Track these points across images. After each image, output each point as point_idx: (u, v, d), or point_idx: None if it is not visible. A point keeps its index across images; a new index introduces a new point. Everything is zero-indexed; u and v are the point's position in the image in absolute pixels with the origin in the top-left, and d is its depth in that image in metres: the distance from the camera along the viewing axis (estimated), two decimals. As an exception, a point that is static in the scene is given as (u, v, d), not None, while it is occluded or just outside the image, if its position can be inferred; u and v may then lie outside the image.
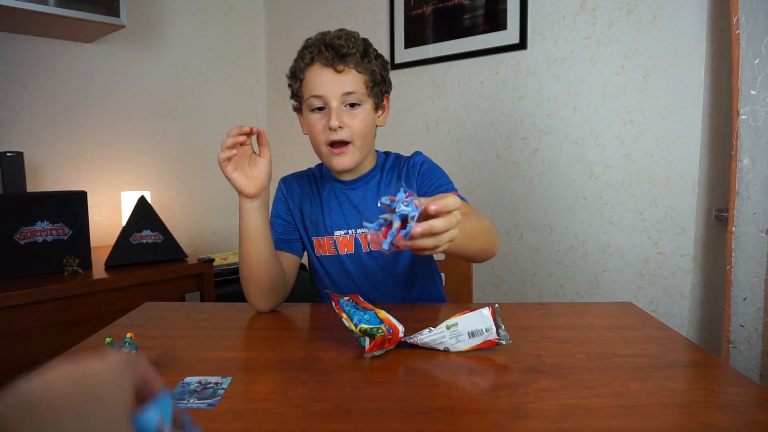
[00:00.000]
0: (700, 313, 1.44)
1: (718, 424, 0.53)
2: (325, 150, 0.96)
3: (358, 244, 1.01)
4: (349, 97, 0.93)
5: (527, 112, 1.70)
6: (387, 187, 1.03)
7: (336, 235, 1.02)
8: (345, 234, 1.02)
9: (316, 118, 0.95)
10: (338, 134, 0.92)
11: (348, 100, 0.93)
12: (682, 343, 0.77)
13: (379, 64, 0.98)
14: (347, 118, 0.93)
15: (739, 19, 1.19)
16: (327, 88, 0.93)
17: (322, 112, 0.94)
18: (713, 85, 1.38)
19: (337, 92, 0.92)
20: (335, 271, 1.03)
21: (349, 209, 1.02)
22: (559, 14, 1.62)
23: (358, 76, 0.94)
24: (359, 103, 0.94)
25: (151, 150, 2.17)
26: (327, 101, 0.93)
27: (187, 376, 0.65)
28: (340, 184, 1.04)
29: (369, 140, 0.98)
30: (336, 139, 0.93)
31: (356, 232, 1.01)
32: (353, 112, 0.94)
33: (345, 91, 0.93)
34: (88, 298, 1.44)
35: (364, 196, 1.03)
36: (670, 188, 1.45)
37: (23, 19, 1.58)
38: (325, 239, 1.03)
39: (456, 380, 0.64)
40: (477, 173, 1.82)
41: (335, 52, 0.92)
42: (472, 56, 1.81)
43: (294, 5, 2.45)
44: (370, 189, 1.03)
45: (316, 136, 0.96)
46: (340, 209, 1.03)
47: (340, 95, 0.92)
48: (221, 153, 0.83)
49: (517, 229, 1.74)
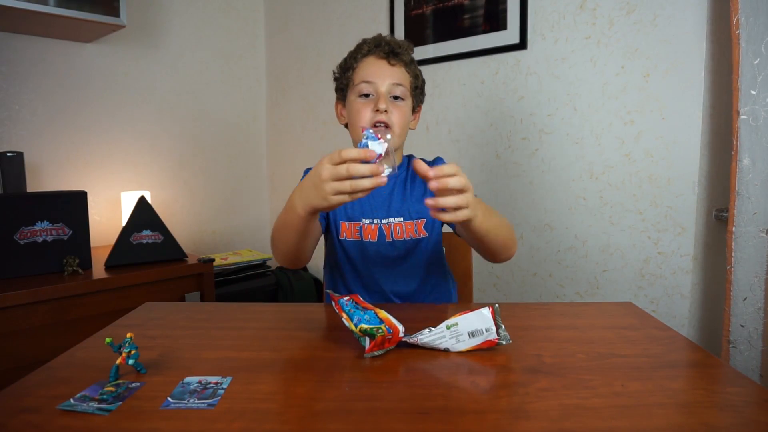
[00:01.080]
0: (700, 313, 1.44)
1: (718, 424, 0.53)
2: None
3: (382, 234, 1.06)
4: (396, 88, 1.03)
5: (527, 112, 1.70)
6: (412, 184, 1.10)
7: (363, 222, 1.06)
8: (371, 223, 1.06)
9: (362, 102, 1.03)
10: (383, 117, 1.00)
11: (394, 92, 1.03)
12: (682, 343, 0.77)
13: (420, 74, 1.11)
14: (392, 106, 1.02)
15: (739, 19, 1.19)
16: (379, 75, 1.02)
17: (368, 99, 1.03)
18: (713, 85, 1.38)
19: (387, 80, 1.02)
20: (355, 255, 1.06)
21: (378, 200, 1.07)
22: (559, 14, 1.62)
23: (406, 74, 1.06)
24: (403, 97, 1.04)
25: (151, 150, 2.17)
26: (376, 88, 1.02)
27: (187, 376, 0.65)
28: None
29: (404, 133, 1.06)
30: (381, 119, 1.00)
31: (381, 222, 1.06)
32: (397, 103, 1.03)
33: (394, 81, 1.02)
34: (88, 298, 1.44)
35: (391, 189, 1.08)
36: (670, 188, 1.45)
37: (23, 19, 1.58)
38: (352, 224, 1.06)
39: (456, 380, 0.64)
40: (477, 173, 1.82)
41: (390, 49, 1.04)
42: (472, 56, 1.81)
43: (294, 5, 2.45)
44: (398, 184, 1.10)
45: (361, 118, 1.02)
46: (368, 198, 1.07)
47: (389, 84, 1.02)
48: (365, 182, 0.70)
49: (517, 229, 1.74)
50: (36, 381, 0.64)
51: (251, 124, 2.56)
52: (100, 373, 0.66)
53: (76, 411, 0.56)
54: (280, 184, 2.62)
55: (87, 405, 0.57)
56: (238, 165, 2.50)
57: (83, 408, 0.56)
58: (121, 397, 0.59)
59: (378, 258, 1.06)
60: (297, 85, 2.47)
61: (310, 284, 2.29)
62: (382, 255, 1.06)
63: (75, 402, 0.58)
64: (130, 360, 0.66)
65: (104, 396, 0.59)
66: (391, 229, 1.05)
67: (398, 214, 1.06)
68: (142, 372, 0.66)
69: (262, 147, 2.62)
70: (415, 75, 1.08)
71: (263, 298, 2.16)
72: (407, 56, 1.06)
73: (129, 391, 0.61)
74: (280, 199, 2.62)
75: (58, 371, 0.67)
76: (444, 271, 1.14)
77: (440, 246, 1.13)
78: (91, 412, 0.56)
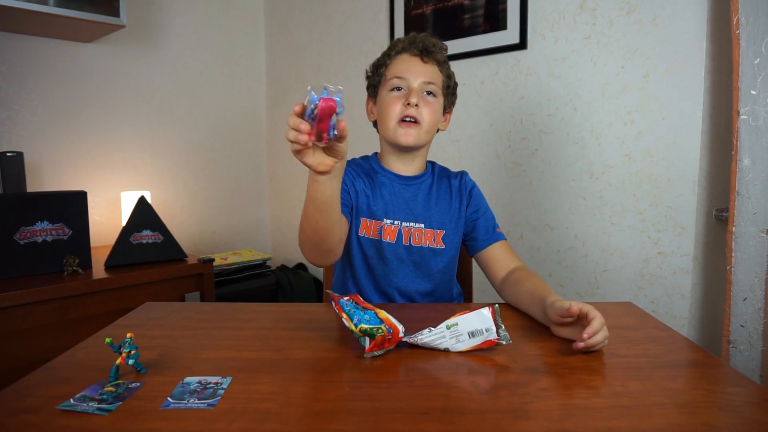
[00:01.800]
0: (700, 313, 1.44)
1: (718, 424, 0.53)
2: (393, 125, 1.03)
3: (401, 236, 1.06)
4: (428, 86, 1.03)
5: (527, 112, 1.70)
6: (437, 191, 1.10)
7: (384, 222, 1.06)
8: (391, 223, 1.06)
9: (393, 96, 1.03)
10: (413, 111, 1.00)
11: (426, 88, 1.03)
12: (682, 343, 0.77)
13: (453, 77, 1.10)
14: (422, 102, 1.02)
15: (739, 19, 1.19)
16: (411, 72, 1.03)
17: (400, 92, 1.03)
18: (713, 85, 1.38)
19: (420, 77, 1.02)
20: (372, 253, 1.06)
21: (401, 202, 1.07)
22: (559, 14, 1.62)
23: (439, 73, 1.06)
24: (435, 94, 1.04)
25: (151, 150, 2.17)
26: (409, 84, 1.02)
27: (187, 376, 0.65)
28: (396, 177, 1.09)
29: (433, 131, 1.06)
30: (410, 113, 1.00)
31: (401, 224, 1.06)
32: (428, 99, 1.03)
33: (427, 78, 1.03)
34: (88, 298, 1.45)
35: (415, 194, 1.09)
36: (670, 188, 1.45)
37: (23, 19, 1.58)
38: (372, 222, 1.06)
39: (456, 380, 0.64)
40: (477, 173, 1.82)
41: (424, 47, 1.04)
42: (472, 56, 1.81)
43: (294, 5, 2.45)
44: (422, 190, 1.10)
45: (390, 111, 1.02)
46: (392, 199, 1.07)
47: (421, 81, 1.02)
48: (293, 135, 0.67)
49: (517, 229, 1.74)
50: (36, 381, 0.64)
51: (251, 124, 2.56)
52: (100, 373, 0.66)
53: (76, 411, 0.56)
54: (280, 184, 2.62)
55: (87, 405, 0.57)
56: (238, 165, 2.50)
57: (83, 408, 0.56)
58: (121, 397, 0.59)
59: (394, 259, 1.06)
60: (297, 85, 2.47)
61: (310, 284, 2.29)
62: (398, 256, 1.06)
63: (75, 402, 0.58)
64: (130, 360, 0.66)
65: (104, 396, 0.59)
66: (411, 234, 1.06)
67: (420, 220, 1.07)
68: (142, 372, 0.66)
69: (262, 147, 2.62)
70: (448, 75, 1.08)
71: (263, 298, 2.16)
72: (441, 55, 1.06)
73: (129, 391, 0.61)
74: (280, 199, 2.62)
75: (58, 371, 0.67)
76: (452, 277, 1.14)
77: (455, 261, 1.12)
78: (91, 412, 0.56)
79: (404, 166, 1.09)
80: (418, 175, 1.11)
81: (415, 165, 1.10)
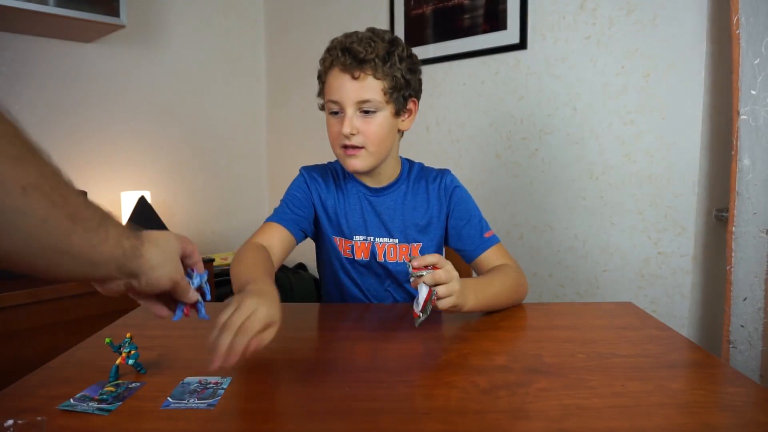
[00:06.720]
0: (700, 313, 1.44)
1: (718, 424, 0.53)
2: (339, 151, 0.97)
3: (374, 253, 1.02)
4: (364, 104, 0.92)
5: (527, 112, 1.70)
6: (413, 198, 1.04)
7: (355, 240, 1.02)
8: (364, 240, 1.02)
9: (333, 122, 0.96)
10: (351, 140, 0.93)
11: (363, 107, 0.92)
12: (682, 343, 0.77)
13: (405, 67, 0.95)
14: (361, 123, 0.93)
15: (739, 19, 1.19)
16: (342, 94, 0.92)
17: (338, 116, 0.95)
18: (713, 85, 1.38)
19: (351, 99, 0.92)
20: (350, 268, 1.04)
21: (372, 216, 1.03)
22: (559, 14, 1.62)
23: (376, 83, 0.92)
24: (375, 110, 0.93)
25: (151, 150, 2.17)
26: (342, 107, 0.93)
27: (187, 376, 0.65)
28: (365, 189, 1.04)
29: (385, 145, 0.97)
30: (348, 143, 0.93)
31: (374, 240, 1.02)
32: (368, 119, 0.93)
33: (360, 99, 0.92)
34: (88, 298, 1.44)
35: (387, 206, 1.03)
36: (670, 188, 1.45)
37: (23, 19, 1.58)
38: (343, 241, 1.03)
39: (456, 380, 0.64)
40: (477, 173, 1.82)
41: (353, 58, 0.90)
42: (472, 56, 1.81)
43: (294, 6, 2.45)
44: (396, 200, 1.04)
45: (332, 137, 0.97)
46: (362, 214, 1.03)
47: (354, 102, 0.92)
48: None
49: (517, 229, 1.74)
50: (36, 381, 0.64)
51: (251, 124, 2.56)
52: (100, 373, 0.66)
53: (76, 411, 0.56)
54: (280, 185, 2.62)
55: (87, 405, 0.57)
56: (238, 165, 2.50)
57: (83, 408, 0.56)
58: (121, 397, 0.59)
59: (369, 274, 1.04)
60: (297, 85, 2.47)
61: (310, 284, 2.29)
62: (373, 272, 1.04)
63: (75, 402, 0.58)
64: (130, 360, 0.66)
65: (104, 396, 0.59)
66: (384, 250, 1.02)
67: (394, 235, 1.02)
68: (141, 372, 0.66)
69: (262, 147, 2.62)
70: (392, 76, 0.93)
71: (263, 298, 2.15)
72: (375, 60, 0.91)
73: (129, 391, 0.61)
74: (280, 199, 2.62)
75: (58, 371, 0.67)
76: None
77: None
78: (91, 412, 0.56)
79: (371, 179, 1.03)
80: (390, 184, 1.04)
81: (383, 176, 1.03)
